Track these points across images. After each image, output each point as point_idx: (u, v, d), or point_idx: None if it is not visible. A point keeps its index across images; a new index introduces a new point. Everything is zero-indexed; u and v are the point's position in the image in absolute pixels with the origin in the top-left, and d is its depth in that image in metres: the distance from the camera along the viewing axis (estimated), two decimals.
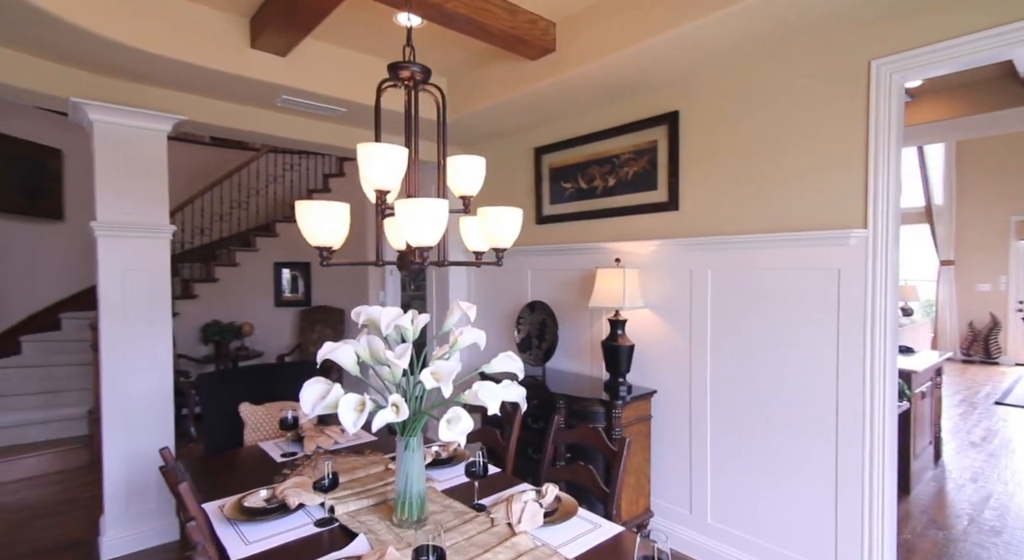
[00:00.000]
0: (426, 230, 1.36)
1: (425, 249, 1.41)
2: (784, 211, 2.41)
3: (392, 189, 1.48)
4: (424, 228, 1.35)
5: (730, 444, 2.60)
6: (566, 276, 3.45)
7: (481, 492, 1.79)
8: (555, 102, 3.12)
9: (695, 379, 2.73)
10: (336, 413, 1.42)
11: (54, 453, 3.93)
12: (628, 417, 2.72)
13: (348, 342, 1.54)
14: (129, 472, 2.80)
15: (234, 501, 1.69)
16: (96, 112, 2.64)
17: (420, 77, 1.61)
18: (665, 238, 2.85)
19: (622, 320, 2.84)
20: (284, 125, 3.35)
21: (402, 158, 1.45)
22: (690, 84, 2.74)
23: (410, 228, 1.37)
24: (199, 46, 2.51)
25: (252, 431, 2.58)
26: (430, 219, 1.35)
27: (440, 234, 1.39)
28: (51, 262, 5.30)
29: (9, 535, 2.98)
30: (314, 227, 1.42)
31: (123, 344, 2.77)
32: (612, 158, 3.13)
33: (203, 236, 6.31)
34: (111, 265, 2.74)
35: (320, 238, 1.43)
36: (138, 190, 2.81)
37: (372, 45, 2.97)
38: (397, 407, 1.38)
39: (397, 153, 1.44)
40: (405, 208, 1.36)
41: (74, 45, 2.33)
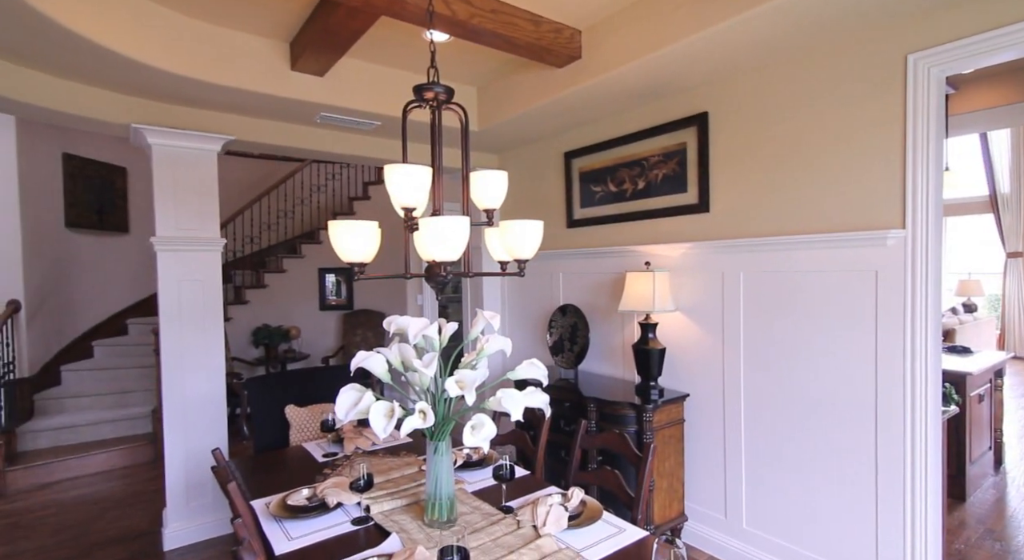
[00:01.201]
0: (448, 246, 1.43)
1: (449, 263, 1.48)
2: (818, 212, 2.35)
3: (418, 206, 1.56)
4: (445, 245, 1.42)
5: (765, 448, 2.56)
6: (597, 279, 3.46)
7: (510, 494, 1.84)
8: (583, 107, 3.14)
9: (728, 383, 2.70)
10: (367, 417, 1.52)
11: (122, 450, 4.25)
12: (660, 421, 2.72)
13: (380, 350, 1.64)
14: (187, 469, 3.01)
15: (279, 499, 1.81)
16: (154, 136, 2.86)
17: (443, 97, 1.68)
18: (696, 241, 2.82)
19: (653, 323, 2.84)
20: (323, 140, 3.51)
21: (426, 177, 1.53)
22: (719, 85, 2.71)
23: (433, 244, 1.44)
24: (245, 71, 2.67)
25: (297, 432, 2.73)
26: (451, 236, 1.41)
27: (461, 250, 1.46)
28: (118, 272, 5.72)
29: (85, 525, 3.26)
30: (345, 245, 1.51)
31: (180, 350, 2.99)
32: (641, 161, 3.12)
33: (253, 244, 6.65)
34: (169, 276, 2.96)
35: (351, 255, 1.52)
36: (192, 206, 3.02)
37: (403, 60, 3.08)
38: (424, 413, 1.46)
39: (421, 173, 1.51)
40: (428, 226, 1.43)
41: (134, 77, 2.54)
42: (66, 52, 2.27)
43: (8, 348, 4.21)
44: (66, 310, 5.13)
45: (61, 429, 4.29)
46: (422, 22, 2.27)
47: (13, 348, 4.30)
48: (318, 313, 6.41)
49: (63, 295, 5.08)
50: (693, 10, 2.19)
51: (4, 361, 4.10)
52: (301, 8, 2.46)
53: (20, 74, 2.47)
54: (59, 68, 2.48)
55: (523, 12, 2.47)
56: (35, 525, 3.27)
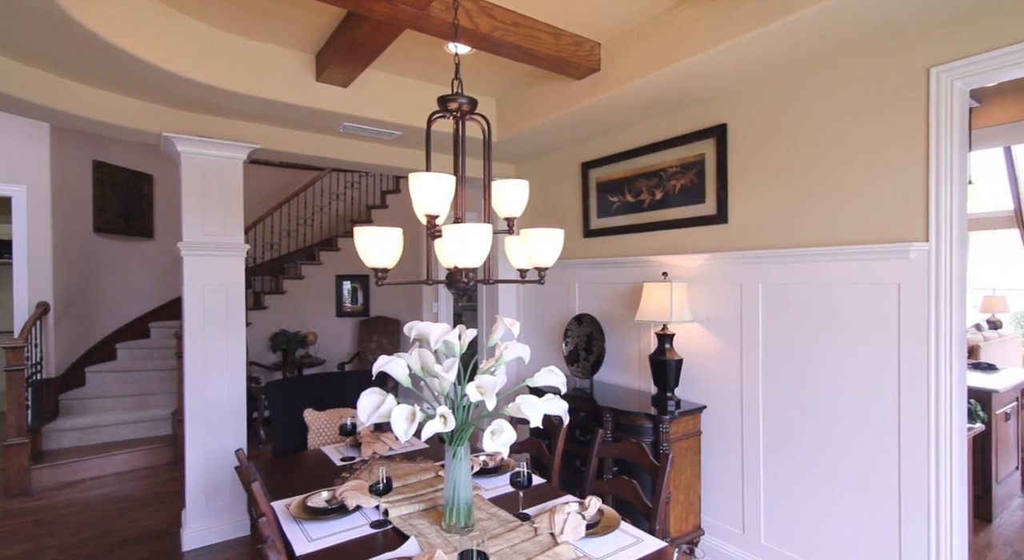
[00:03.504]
0: (471, 253, 1.45)
1: (470, 269, 1.50)
2: (839, 224, 2.34)
3: (441, 213, 1.59)
4: (468, 252, 1.45)
5: (784, 462, 2.53)
6: (613, 289, 3.47)
7: (526, 502, 1.85)
8: (601, 118, 3.17)
9: (746, 395, 2.68)
10: (388, 421, 1.54)
11: (143, 450, 4.33)
12: (676, 432, 2.70)
13: (401, 355, 1.66)
14: (207, 470, 3.06)
15: (299, 501, 1.84)
16: (184, 144, 2.95)
17: (467, 108, 1.72)
18: (714, 251, 2.82)
19: (670, 334, 2.83)
20: (345, 149, 3.58)
21: (450, 186, 1.56)
22: (738, 97, 2.72)
23: (456, 251, 1.46)
24: (272, 82, 2.75)
25: (315, 435, 2.77)
26: (474, 243, 1.44)
27: (483, 257, 1.48)
28: (142, 277, 5.85)
29: (106, 524, 3.32)
30: (370, 250, 1.55)
31: (202, 352, 3.05)
32: (659, 171, 3.14)
33: (273, 251, 6.77)
34: (194, 281, 3.03)
35: (375, 260, 1.56)
36: (218, 213, 3.10)
37: (424, 72, 3.14)
38: (444, 418, 1.48)
39: (445, 181, 1.54)
40: (451, 233, 1.46)
41: (166, 87, 2.63)
42: (104, 62, 2.36)
43: (37, 349, 4.33)
44: (92, 313, 5.26)
45: (85, 429, 4.39)
46: (446, 35, 2.32)
47: (41, 349, 4.42)
48: (335, 319, 6.48)
49: (89, 298, 5.22)
50: (713, 23, 2.21)
51: (32, 361, 4.21)
52: (328, 21, 2.53)
53: (57, 84, 2.57)
54: (95, 78, 2.58)
55: (544, 25, 2.52)
56: (58, 522, 3.34)
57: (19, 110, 2.64)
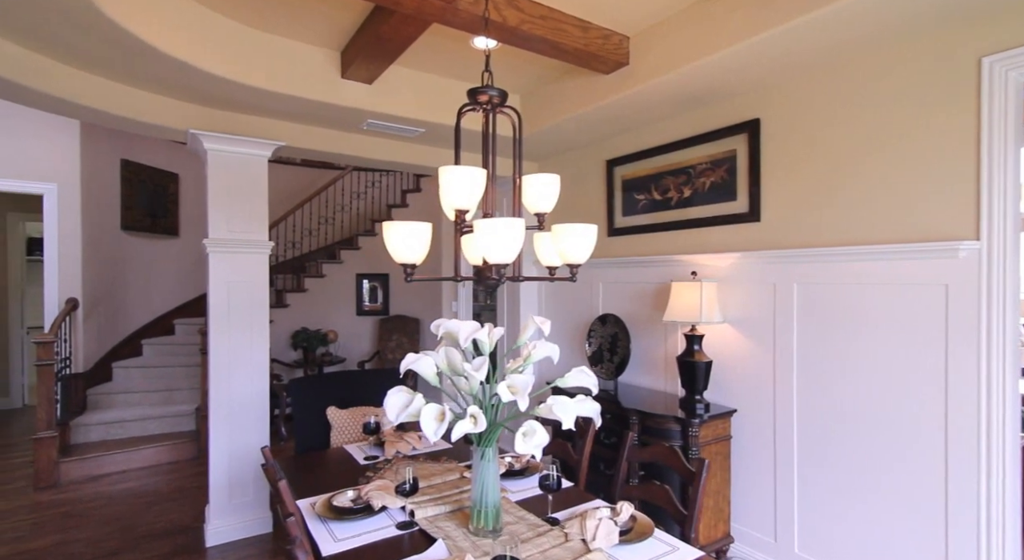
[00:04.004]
0: (503, 248, 1.41)
1: (502, 265, 1.46)
2: (881, 221, 2.24)
3: (471, 208, 1.55)
4: (501, 246, 1.40)
5: (820, 469, 2.43)
6: (639, 289, 3.40)
7: (554, 506, 1.80)
8: (628, 114, 3.10)
9: (780, 399, 2.59)
10: (414, 421, 1.50)
11: (167, 446, 4.38)
12: (706, 436, 2.63)
13: (428, 353, 1.62)
14: (230, 467, 3.07)
15: (324, 500, 1.81)
16: (210, 141, 2.96)
17: (498, 101, 1.68)
18: (745, 250, 2.73)
19: (699, 335, 2.75)
20: (368, 147, 3.57)
21: (481, 179, 1.52)
22: (772, 91, 2.64)
23: (488, 246, 1.42)
24: (297, 79, 2.75)
25: (338, 433, 2.75)
26: (507, 238, 1.40)
27: (516, 252, 1.43)
28: (167, 274, 5.94)
29: (132, 518, 3.35)
30: (399, 245, 1.51)
31: (227, 349, 3.06)
32: (688, 168, 3.06)
33: (294, 249, 6.82)
34: (219, 278, 3.04)
35: (404, 255, 1.52)
36: (243, 210, 3.11)
37: (449, 68, 3.11)
38: (475, 418, 1.43)
39: (476, 175, 1.50)
40: (484, 227, 1.41)
41: (193, 84, 2.64)
42: (133, 58, 2.38)
43: (66, 344, 4.40)
44: (119, 309, 5.35)
45: (111, 424, 4.45)
46: (473, 28, 2.29)
47: (70, 344, 4.50)
48: (355, 318, 6.50)
49: (117, 294, 5.31)
50: (749, 14, 2.14)
51: (62, 356, 4.29)
52: (354, 17, 2.52)
53: (88, 80, 2.59)
54: (124, 75, 2.59)
55: (572, 18, 2.47)
56: (86, 515, 3.38)
57: (50, 107, 2.67)
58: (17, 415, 5.83)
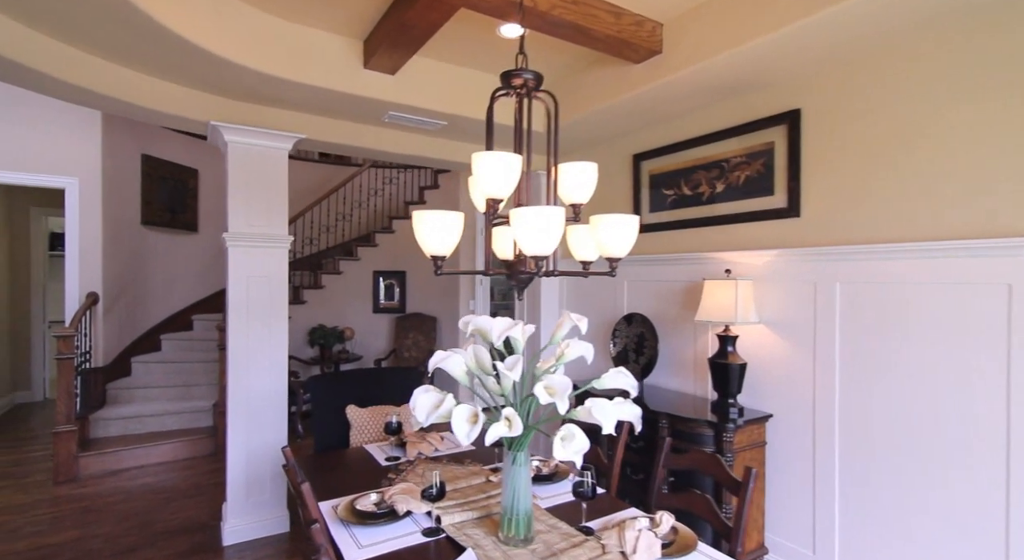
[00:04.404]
0: (541, 239, 1.31)
1: (540, 258, 1.37)
2: (934, 217, 2.10)
3: (504, 198, 1.46)
4: (539, 237, 1.31)
5: (864, 481, 2.30)
6: (666, 287, 3.28)
7: (587, 514, 1.70)
8: (658, 106, 2.99)
9: (820, 404, 2.46)
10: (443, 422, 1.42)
11: (185, 441, 4.36)
12: (740, 442, 2.51)
13: (457, 351, 1.54)
14: (248, 464, 3.01)
15: (347, 503, 1.73)
16: (230, 133, 2.91)
17: (533, 84, 1.58)
18: (784, 247, 2.61)
19: (733, 336, 2.63)
20: (388, 140, 3.50)
21: (517, 166, 1.42)
22: (814, 79, 2.50)
23: (524, 237, 1.33)
24: (319, 69, 2.68)
25: (357, 433, 2.68)
26: (546, 228, 1.30)
27: (555, 243, 1.34)
28: (186, 269, 5.95)
29: (149, 514, 3.32)
30: (430, 236, 1.43)
31: (245, 345, 3.01)
32: (721, 162, 2.93)
33: (312, 246, 6.79)
34: (238, 272, 2.99)
35: (435, 246, 1.44)
36: (262, 204, 3.06)
37: (474, 59, 3.02)
38: (510, 421, 1.34)
39: (512, 161, 1.41)
40: (520, 217, 1.32)
41: (214, 73, 2.58)
42: (154, 46, 2.32)
43: (86, 338, 4.41)
44: (138, 304, 5.36)
45: (130, 419, 4.45)
46: (502, 14, 2.20)
47: (90, 338, 4.50)
48: (371, 315, 6.46)
49: (136, 289, 5.32)
50: None
51: (82, 350, 4.29)
52: (378, 3, 2.44)
53: (110, 69, 2.55)
54: (145, 64, 2.55)
55: (604, 3, 2.36)
56: (104, 510, 3.36)
57: (73, 97, 2.64)
58: (38, 408, 5.88)
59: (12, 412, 5.73)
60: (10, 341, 5.89)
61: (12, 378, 5.95)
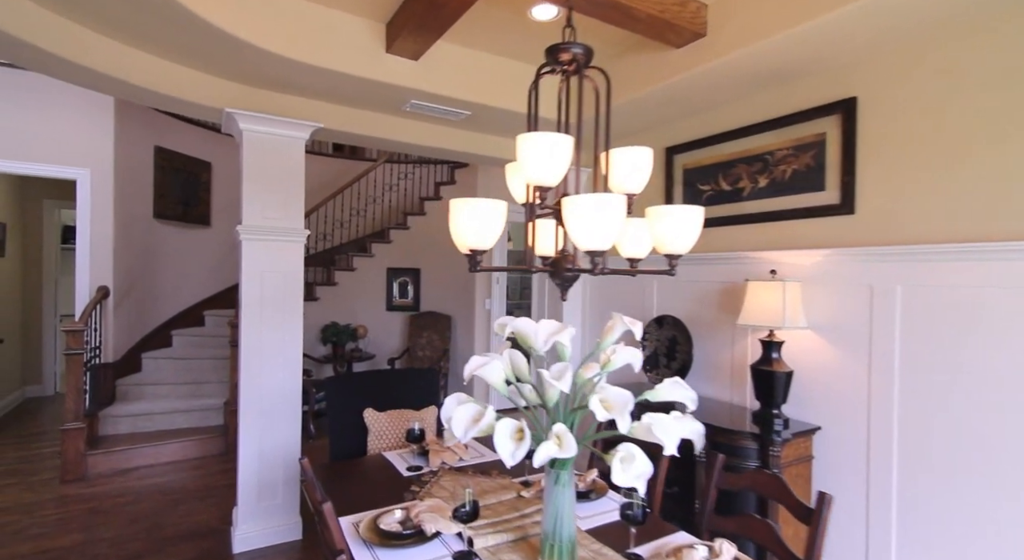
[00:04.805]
0: (599, 232, 1.15)
1: (596, 254, 1.20)
2: (1013, 214, 1.91)
3: (552, 185, 1.30)
4: (597, 229, 1.15)
5: (925, 501, 2.11)
6: (701, 288, 3.09)
7: (635, 538, 1.53)
8: (696, 94, 2.81)
9: (876, 417, 2.27)
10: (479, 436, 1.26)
11: (195, 440, 4.25)
12: (787, 457, 2.32)
13: (494, 356, 1.38)
14: (260, 467, 2.88)
15: (369, 521, 1.58)
16: (246, 121, 2.77)
17: (583, 59, 1.42)
18: (836, 247, 2.42)
19: (778, 342, 2.45)
20: (409, 131, 3.35)
21: (567, 148, 1.26)
22: (873, 64, 2.31)
23: (579, 229, 1.17)
24: (340, 53, 2.53)
25: (375, 438, 2.53)
26: (605, 219, 1.14)
27: (615, 236, 1.18)
28: (198, 264, 5.85)
29: (157, 516, 3.20)
30: (468, 227, 1.27)
31: (258, 342, 2.87)
32: (764, 155, 2.75)
33: (325, 242, 6.67)
34: (252, 267, 2.86)
35: (474, 239, 1.27)
36: (278, 196, 2.92)
37: (501, 45, 2.86)
38: (560, 439, 1.18)
39: (561, 144, 1.25)
40: (575, 206, 1.16)
41: (231, 57, 2.44)
42: (169, 26, 2.19)
43: (96, 333, 4.31)
44: (149, 298, 5.26)
45: (139, 416, 4.34)
46: None
47: (100, 333, 4.40)
48: (385, 313, 6.33)
49: (147, 284, 5.22)
50: None
51: (92, 345, 4.19)
52: None
53: (123, 52, 2.42)
54: (160, 47, 2.42)
55: None
56: (112, 512, 3.25)
57: (85, 80, 2.51)
58: (48, 403, 5.81)
59: (22, 406, 5.67)
60: (21, 335, 5.83)
61: (23, 372, 5.89)
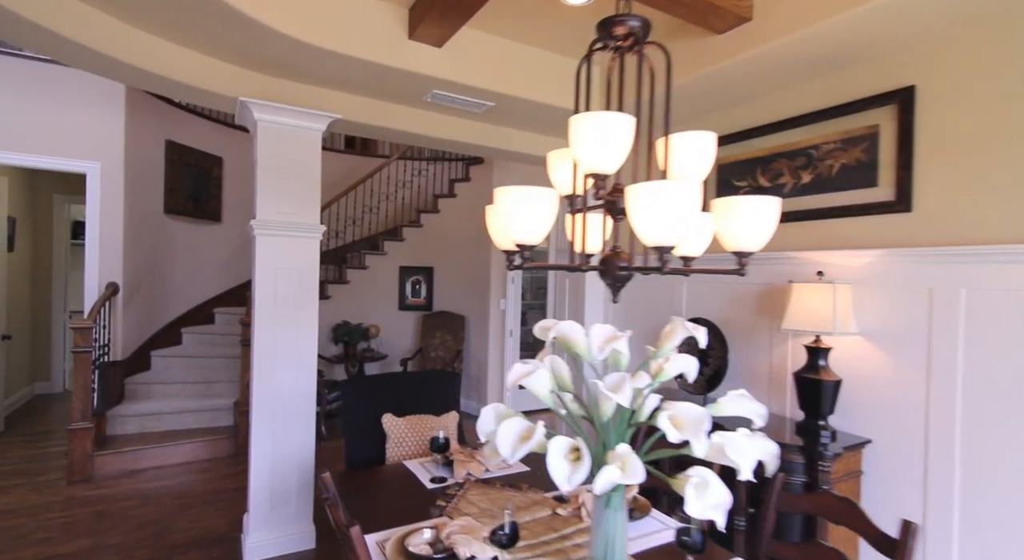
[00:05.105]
0: (672, 224, 1.00)
1: (665, 250, 1.05)
2: None
3: (611, 172, 1.15)
4: (669, 221, 1.00)
5: (992, 523, 1.94)
6: (736, 290, 2.93)
7: None
8: (735, 84, 2.65)
9: (936, 430, 2.10)
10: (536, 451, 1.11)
11: (204, 441, 4.14)
12: (836, 471, 2.16)
13: (538, 364, 1.23)
14: (273, 472, 2.75)
15: (396, 541, 1.45)
16: (261, 111, 2.65)
17: (642, 33, 1.27)
18: (890, 247, 2.25)
19: (825, 348, 2.29)
20: (428, 123, 3.22)
21: (630, 131, 1.12)
22: (934, 50, 2.14)
23: (648, 222, 1.02)
24: (361, 38, 2.40)
25: (394, 445, 2.40)
26: (679, 209, 0.99)
27: (688, 229, 1.03)
28: (208, 261, 5.75)
29: (166, 522, 3.09)
30: (517, 218, 1.12)
31: (271, 341, 2.75)
32: (808, 149, 2.58)
33: (337, 239, 6.56)
34: (266, 263, 2.73)
35: (524, 232, 1.13)
36: (293, 190, 2.80)
37: (530, 33, 2.71)
38: (624, 462, 1.03)
39: (624, 124, 1.10)
40: (643, 195, 1.01)
41: (246, 42, 2.32)
42: (186, 7, 2.07)
43: (105, 330, 4.21)
44: (159, 295, 5.17)
45: (148, 416, 4.24)
46: None
47: (109, 330, 4.31)
48: (397, 313, 6.20)
49: (157, 280, 5.12)
50: None
51: (100, 343, 4.09)
52: None
53: (136, 37, 2.31)
54: (172, 28, 2.30)
55: None
56: (119, 516, 3.14)
57: (94, 65, 2.40)
58: (57, 400, 5.74)
59: (31, 403, 5.60)
60: (30, 331, 5.76)
61: (32, 368, 5.82)
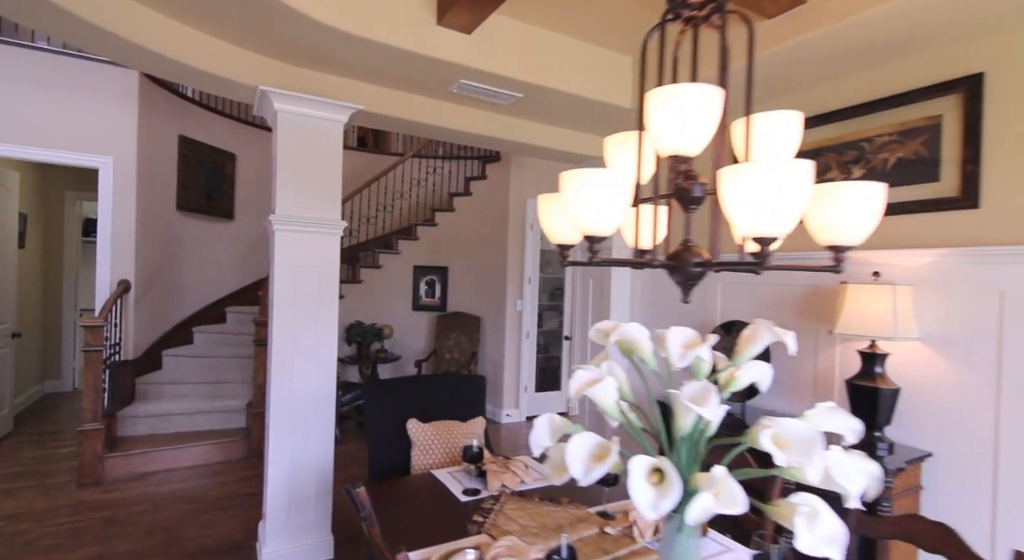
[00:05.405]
0: (781, 210, 0.87)
1: (768, 241, 0.92)
2: None
3: (695, 154, 1.02)
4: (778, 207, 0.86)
5: None
6: (776, 291, 2.78)
7: None
8: (783, 73, 2.50)
9: (1007, 445, 1.95)
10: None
11: (216, 444, 4.03)
12: (896, 487, 2.01)
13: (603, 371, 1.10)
14: (291, 479, 2.63)
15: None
16: (281, 101, 2.53)
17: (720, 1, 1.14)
18: (954, 246, 2.10)
19: (882, 354, 2.14)
20: (453, 116, 3.09)
21: (719, 106, 0.98)
22: (1004, 34, 1.99)
23: (750, 208, 0.88)
24: (388, 22, 2.28)
25: (420, 453, 2.27)
26: (792, 192, 0.85)
27: (798, 218, 0.89)
28: (221, 259, 5.65)
29: (178, 528, 2.97)
30: (589, 203, 0.99)
31: (290, 342, 2.63)
32: (860, 142, 2.44)
33: (350, 238, 6.44)
34: (284, 260, 2.61)
35: (596, 221, 1.00)
36: (313, 184, 2.68)
37: (561, 21, 2.59)
38: (719, 488, 0.89)
39: (713, 97, 0.97)
40: (746, 176, 0.88)
41: (267, 26, 2.20)
42: None
43: (116, 329, 4.11)
44: (171, 293, 5.07)
45: (159, 416, 4.14)
46: None
47: (121, 329, 4.21)
48: (411, 313, 6.08)
49: (169, 278, 5.03)
50: None
51: (111, 342, 3.99)
52: None
53: (153, 19, 2.19)
54: (194, 12, 2.18)
55: None
56: (129, 522, 3.02)
57: (109, 48, 2.29)
58: (67, 399, 5.66)
59: (41, 402, 5.52)
60: (41, 329, 5.68)
61: (42, 367, 5.74)
